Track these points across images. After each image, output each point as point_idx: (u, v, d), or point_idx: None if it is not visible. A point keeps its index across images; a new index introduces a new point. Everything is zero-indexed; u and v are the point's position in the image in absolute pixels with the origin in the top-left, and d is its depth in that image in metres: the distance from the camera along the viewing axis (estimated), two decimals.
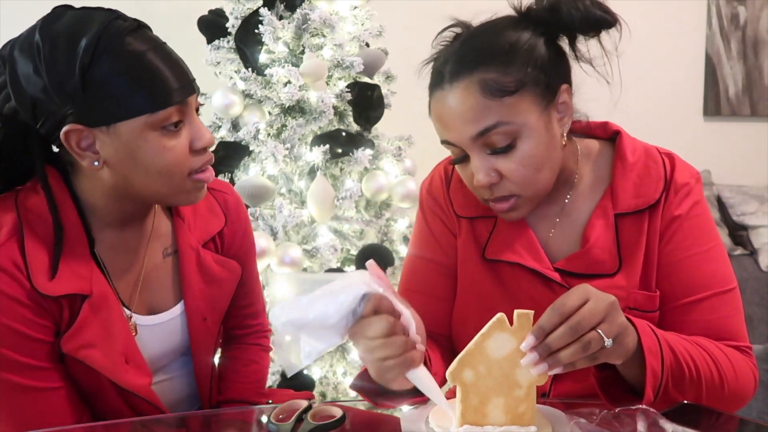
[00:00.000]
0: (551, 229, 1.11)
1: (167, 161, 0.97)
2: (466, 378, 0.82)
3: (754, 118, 3.59)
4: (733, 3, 3.55)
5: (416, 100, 1.20)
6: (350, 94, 2.10)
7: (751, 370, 1.03)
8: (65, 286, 0.96)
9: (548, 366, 0.81)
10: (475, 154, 1.00)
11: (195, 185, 1.02)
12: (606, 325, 0.83)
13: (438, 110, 1.03)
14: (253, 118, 2.07)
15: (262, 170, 2.04)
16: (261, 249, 1.93)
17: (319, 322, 0.82)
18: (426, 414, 0.88)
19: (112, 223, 1.05)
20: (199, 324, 1.15)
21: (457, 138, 1.01)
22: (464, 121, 0.99)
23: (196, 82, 1.01)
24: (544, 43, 1.01)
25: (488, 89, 0.97)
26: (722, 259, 1.07)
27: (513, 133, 0.98)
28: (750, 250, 3.17)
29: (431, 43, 1.10)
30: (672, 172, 1.06)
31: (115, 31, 0.93)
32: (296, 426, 0.90)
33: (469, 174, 1.03)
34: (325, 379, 2.07)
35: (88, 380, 1.03)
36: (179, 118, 0.97)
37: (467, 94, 0.98)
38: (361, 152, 2.07)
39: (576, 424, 0.85)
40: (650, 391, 0.90)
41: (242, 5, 2.12)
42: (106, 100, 0.92)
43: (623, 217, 1.06)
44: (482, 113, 0.98)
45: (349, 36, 2.18)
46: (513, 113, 0.98)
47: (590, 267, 1.06)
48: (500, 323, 0.81)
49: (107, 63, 0.91)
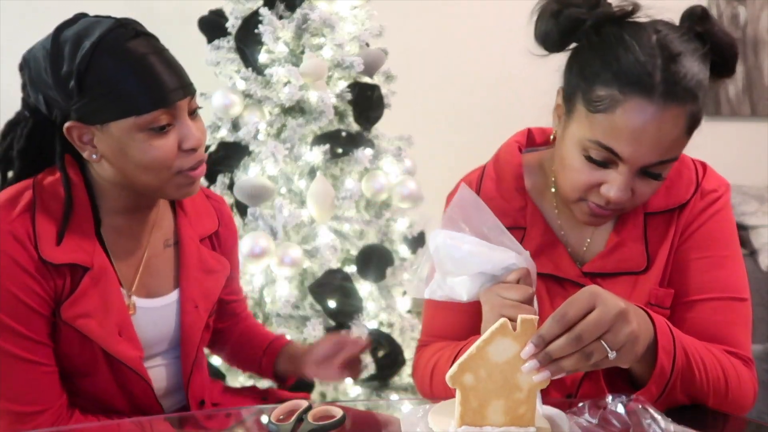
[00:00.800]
0: (584, 232, 1.11)
1: (153, 158, 1.03)
2: (466, 381, 0.81)
3: (754, 118, 3.59)
4: (733, 3, 3.55)
5: (416, 100, 1.20)
6: (350, 94, 2.10)
7: (752, 382, 1.03)
8: (69, 256, 1.05)
9: (550, 373, 0.80)
10: (630, 174, 0.95)
11: (185, 180, 1.08)
12: (611, 336, 0.81)
13: (635, 123, 0.91)
14: (253, 118, 2.07)
15: (262, 170, 2.04)
16: (261, 249, 1.93)
17: (462, 264, 0.89)
18: (425, 414, 0.88)
19: (118, 210, 1.13)
20: (191, 310, 1.22)
21: (631, 157, 0.93)
22: (657, 148, 0.92)
23: (191, 86, 1.07)
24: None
25: (691, 126, 0.93)
26: (737, 268, 1.07)
27: (669, 167, 0.97)
28: (750, 250, 3.17)
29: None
30: (703, 177, 1.08)
31: (113, 37, 1.01)
32: (296, 426, 0.90)
33: (595, 179, 0.97)
34: None
35: (81, 355, 1.09)
36: (167, 122, 1.03)
37: (676, 125, 0.92)
38: (361, 152, 2.07)
39: (576, 424, 0.85)
40: (654, 387, 0.90)
41: (242, 5, 2.12)
42: (98, 102, 1.01)
43: (652, 216, 1.07)
44: (675, 147, 0.94)
45: (349, 36, 2.18)
46: (683, 149, 0.97)
47: (618, 265, 1.06)
48: (503, 328, 0.81)
49: (101, 67, 1.00)
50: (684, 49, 0.92)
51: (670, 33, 0.94)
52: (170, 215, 1.24)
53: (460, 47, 3.22)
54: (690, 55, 0.92)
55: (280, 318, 2.03)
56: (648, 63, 0.90)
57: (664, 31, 0.94)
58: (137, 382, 1.14)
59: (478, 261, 0.90)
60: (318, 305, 2.06)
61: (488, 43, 3.08)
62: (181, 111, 1.05)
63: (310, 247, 2.04)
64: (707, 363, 0.96)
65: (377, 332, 2.06)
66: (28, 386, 1.05)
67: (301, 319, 2.06)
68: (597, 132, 0.94)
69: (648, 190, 0.98)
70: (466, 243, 0.90)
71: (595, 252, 1.09)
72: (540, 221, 1.10)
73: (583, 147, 0.96)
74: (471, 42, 3.22)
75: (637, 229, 1.06)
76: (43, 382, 1.06)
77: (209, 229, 1.27)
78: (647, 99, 0.90)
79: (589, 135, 0.94)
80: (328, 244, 2.03)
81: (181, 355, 1.22)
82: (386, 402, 1.39)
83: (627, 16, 0.96)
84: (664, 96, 0.90)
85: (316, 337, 1.98)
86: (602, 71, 0.93)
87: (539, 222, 1.10)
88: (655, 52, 0.91)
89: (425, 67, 3.11)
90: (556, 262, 1.08)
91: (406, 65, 2.46)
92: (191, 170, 1.08)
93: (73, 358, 1.09)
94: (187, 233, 1.23)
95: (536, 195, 1.12)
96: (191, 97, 1.07)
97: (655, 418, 0.84)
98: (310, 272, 2.09)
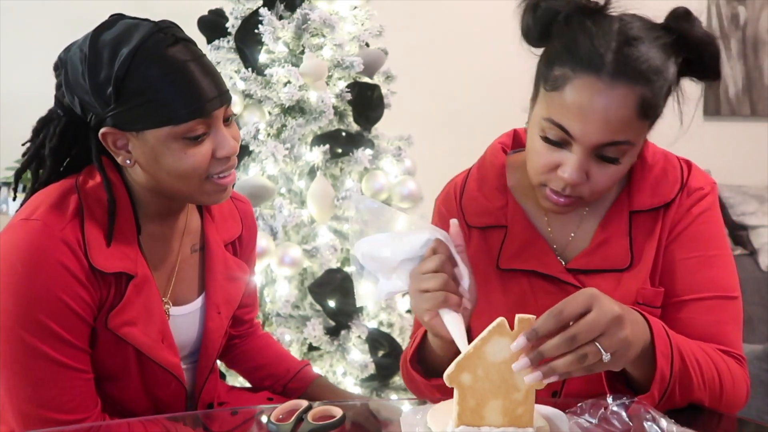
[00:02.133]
0: (569, 229, 1.11)
1: (187, 166, 1.03)
2: (464, 381, 0.81)
3: (754, 118, 3.59)
4: (733, 3, 3.55)
5: (416, 100, 1.21)
6: (350, 94, 2.10)
7: (745, 380, 1.03)
8: (117, 264, 1.05)
9: (542, 375, 0.79)
10: (583, 154, 0.96)
11: (215, 188, 1.07)
12: (606, 339, 0.80)
13: (582, 99, 0.93)
14: (253, 118, 2.07)
15: (262, 170, 2.04)
16: (261, 249, 1.93)
17: (388, 262, 0.92)
18: (425, 415, 0.88)
19: (153, 216, 1.12)
20: (214, 316, 1.21)
21: (583, 136, 0.94)
22: (606, 127, 0.93)
23: (228, 93, 1.06)
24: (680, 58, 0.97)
25: (643, 109, 0.93)
26: (727, 267, 1.07)
27: (626, 152, 0.97)
28: (750, 250, 3.17)
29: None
30: (688, 176, 1.08)
31: (152, 44, 0.99)
32: (296, 426, 0.90)
33: (552, 161, 0.98)
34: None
35: (115, 361, 1.08)
36: (203, 131, 1.02)
37: (624, 104, 0.92)
38: (361, 152, 2.07)
39: (576, 424, 0.85)
40: (656, 393, 0.90)
41: (242, 5, 2.12)
42: (136, 110, 1.00)
43: (638, 214, 1.07)
44: (626, 129, 0.94)
45: (349, 36, 2.18)
46: (639, 136, 0.97)
47: (602, 262, 1.06)
48: (500, 327, 0.81)
49: (140, 75, 0.98)
50: (644, 36, 0.94)
51: (635, 22, 0.95)
52: (198, 219, 1.22)
53: (460, 47, 3.23)
54: (650, 42, 0.93)
55: (280, 318, 2.03)
56: (602, 45, 0.93)
57: (628, 20, 0.96)
58: (169, 385, 1.13)
59: (399, 251, 0.92)
60: (318, 305, 2.06)
61: (488, 44, 3.08)
62: (217, 120, 1.04)
63: (310, 247, 2.04)
64: (702, 364, 0.96)
65: (377, 332, 2.07)
66: (70, 394, 1.03)
67: (301, 319, 2.06)
68: (551, 110, 0.96)
69: (604, 177, 0.98)
70: (383, 242, 0.93)
71: (580, 249, 1.09)
72: (521, 219, 1.11)
73: (541, 128, 0.98)
74: (471, 42, 3.22)
75: (622, 227, 1.07)
76: (84, 390, 1.05)
77: (233, 234, 1.26)
78: (595, 76, 0.92)
79: (545, 114, 0.97)
80: (328, 244, 2.03)
81: (199, 361, 1.21)
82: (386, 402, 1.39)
83: (601, 10, 0.98)
84: (612, 74, 0.91)
85: (316, 337, 1.98)
86: (560, 53, 0.96)
87: (520, 220, 1.11)
88: (611, 36, 0.93)
89: (425, 67, 3.11)
90: (540, 258, 1.08)
91: (406, 65, 2.46)
92: (221, 177, 1.07)
93: (107, 363, 1.07)
94: (213, 238, 1.21)
95: (520, 193, 1.13)
96: (227, 105, 1.06)
97: (657, 419, 0.84)
98: (310, 272, 2.09)
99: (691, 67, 0.98)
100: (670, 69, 0.95)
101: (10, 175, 2.43)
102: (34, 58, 2.20)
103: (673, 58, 0.96)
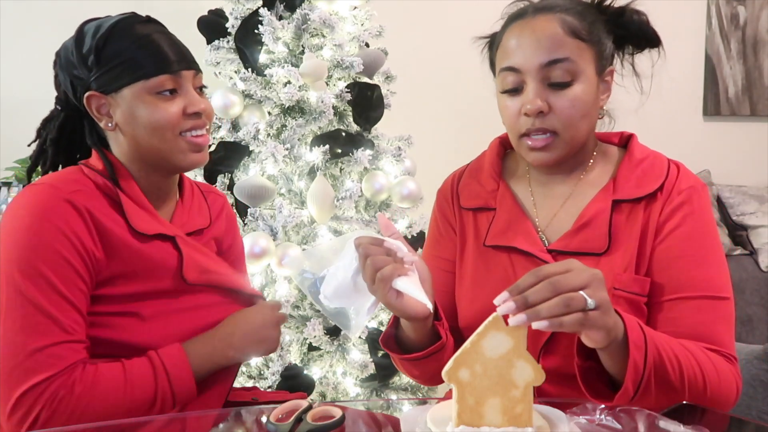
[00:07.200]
0: (555, 213, 1.16)
1: (159, 118, 1.16)
2: (462, 377, 0.82)
3: (754, 118, 3.59)
4: (733, 3, 3.55)
5: (416, 100, 1.23)
6: (350, 94, 2.10)
7: (734, 377, 1.04)
8: (155, 227, 1.17)
9: (527, 318, 0.81)
10: (535, 83, 1.07)
11: (190, 146, 1.19)
12: (589, 290, 0.84)
13: (515, 36, 1.10)
14: (253, 119, 2.08)
15: (261, 170, 2.04)
16: (261, 249, 1.93)
17: (347, 283, 0.99)
18: (425, 414, 0.88)
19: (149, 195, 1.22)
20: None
21: (525, 63, 1.08)
22: (539, 47, 1.07)
23: (195, 62, 1.21)
24: (608, 25, 1.13)
25: (568, 27, 1.07)
26: (718, 268, 1.08)
27: (574, 73, 1.07)
28: (750, 250, 3.17)
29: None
30: (677, 175, 1.12)
31: (126, 20, 1.18)
32: (295, 426, 0.90)
33: (517, 106, 1.09)
34: (325, 379, 2.08)
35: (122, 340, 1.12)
36: (173, 86, 1.17)
37: (549, 25, 1.08)
38: (360, 152, 2.07)
39: (576, 424, 0.85)
40: (630, 384, 0.90)
41: (242, 5, 2.13)
42: (113, 71, 1.16)
43: (620, 203, 1.11)
44: (558, 45, 1.07)
45: (349, 36, 2.18)
46: (579, 56, 1.08)
47: (580, 245, 1.10)
48: (496, 322, 0.81)
49: (115, 43, 1.16)
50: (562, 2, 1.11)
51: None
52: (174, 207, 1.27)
53: (460, 47, 3.22)
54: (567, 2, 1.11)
55: None
56: (525, 3, 1.14)
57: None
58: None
59: (347, 268, 0.99)
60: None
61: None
62: (186, 81, 1.19)
63: (310, 247, 2.04)
64: (682, 360, 0.96)
65: (377, 332, 2.07)
66: (43, 348, 1.03)
67: (301, 319, 2.06)
68: (499, 63, 1.12)
69: (565, 103, 1.07)
70: (332, 273, 1.01)
71: (564, 231, 1.13)
72: (509, 200, 1.19)
73: (500, 84, 1.12)
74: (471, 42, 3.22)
75: (604, 214, 1.11)
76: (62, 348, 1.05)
77: (198, 224, 1.28)
78: (521, 19, 1.11)
79: (498, 69, 1.13)
80: None
81: None
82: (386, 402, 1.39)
83: None
84: (533, 12, 1.10)
85: (316, 337, 1.98)
86: (504, 25, 1.15)
87: (508, 201, 1.19)
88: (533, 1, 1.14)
89: (425, 67, 3.11)
90: (523, 237, 1.14)
91: (406, 65, 2.46)
92: (195, 136, 1.18)
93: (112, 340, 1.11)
94: (182, 223, 1.26)
95: (511, 178, 1.23)
96: (196, 73, 1.20)
97: (657, 421, 0.84)
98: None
99: (624, 37, 1.15)
100: (589, 11, 1.11)
101: (10, 175, 2.44)
102: (34, 59, 2.21)
103: (595, 12, 1.12)
